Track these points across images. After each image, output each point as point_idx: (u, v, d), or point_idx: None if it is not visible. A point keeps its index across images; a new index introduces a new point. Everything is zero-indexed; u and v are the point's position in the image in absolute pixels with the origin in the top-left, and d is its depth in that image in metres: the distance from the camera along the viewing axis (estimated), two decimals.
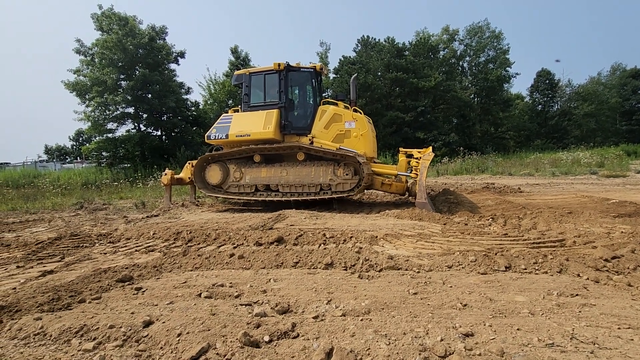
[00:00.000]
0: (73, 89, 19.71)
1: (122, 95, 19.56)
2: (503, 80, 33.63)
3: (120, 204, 10.54)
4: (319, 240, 4.12)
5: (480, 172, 14.79)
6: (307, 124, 7.95)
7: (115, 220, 7.17)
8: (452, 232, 4.47)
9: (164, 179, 8.62)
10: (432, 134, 25.82)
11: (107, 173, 18.99)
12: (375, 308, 2.00)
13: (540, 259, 2.58)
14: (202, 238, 4.58)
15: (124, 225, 6.34)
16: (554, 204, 6.55)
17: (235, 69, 26.88)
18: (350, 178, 7.12)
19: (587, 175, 12.48)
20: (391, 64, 26.92)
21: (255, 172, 7.72)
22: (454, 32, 34.65)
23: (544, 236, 4.03)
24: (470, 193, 8.59)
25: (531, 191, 8.95)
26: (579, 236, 3.97)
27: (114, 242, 5.06)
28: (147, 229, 5.56)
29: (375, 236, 4.20)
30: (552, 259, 2.57)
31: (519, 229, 4.60)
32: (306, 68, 8.17)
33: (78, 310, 2.21)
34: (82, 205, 9.86)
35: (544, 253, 2.70)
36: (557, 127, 37.86)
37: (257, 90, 8.19)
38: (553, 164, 16.58)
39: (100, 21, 20.31)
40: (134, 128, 21.77)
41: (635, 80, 42.86)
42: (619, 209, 5.54)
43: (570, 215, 5.00)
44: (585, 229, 4.25)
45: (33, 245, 4.94)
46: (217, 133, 8.07)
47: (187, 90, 23.94)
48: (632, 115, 41.57)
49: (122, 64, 19.95)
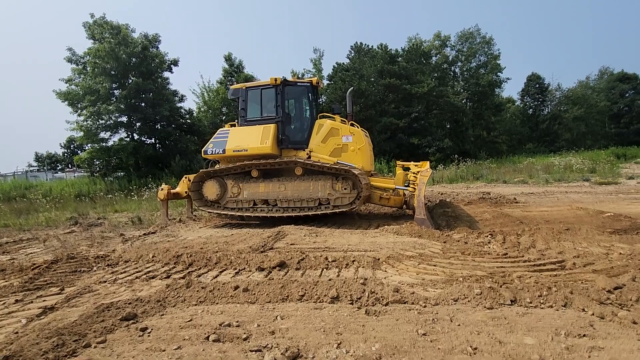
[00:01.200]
0: (65, 98, 19.51)
1: (115, 105, 19.42)
2: (494, 85, 34.06)
3: (116, 218, 10.43)
4: (322, 264, 4.12)
5: (475, 179, 14.93)
6: (304, 138, 7.97)
7: (111, 238, 7.09)
8: (452, 252, 4.49)
9: (161, 194, 8.55)
10: (426, 140, 26.00)
11: (100, 183, 18.78)
12: (386, 353, 2.00)
13: (544, 291, 2.61)
14: (203, 262, 4.55)
15: (121, 246, 6.26)
16: (550, 217, 6.63)
17: (229, 76, 26.87)
18: (348, 192, 7.14)
19: (580, 182, 12.66)
20: (384, 70, 27.12)
21: (253, 187, 7.70)
22: (446, 38, 35.04)
23: (544, 257, 4.08)
24: (467, 204, 8.66)
25: (527, 201, 9.05)
26: (578, 256, 4.02)
27: (113, 265, 5.00)
28: (146, 250, 5.50)
29: (377, 259, 4.21)
30: (556, 292, 2.60)
31: (518, 247, 4.64)
32: (302, 82, 8.20)
33: (84, 358, 2.18)
34: (77, 221, 9.73)
35: (547, 284, 2.72)
36: (548, 130, 38.42)
37: (254, 105, 8.18)
38: (546, 170, 16.79)
39: (92, 30, 20.18)
40: (128, 136, 21.60)
41: (622, 83, 43.77)
42: (614, 223, 5.63)
43: (568, 232, 5.06)
44: (584, 248, 4.31)
45: (29, 270, 4.86)
46: (214, 148, 8.04)
47: (181, 98, 23.86)
48: (620, 119, 42.42)
49: (115, 73, 19.81)
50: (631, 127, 41.15)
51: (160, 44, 22.38)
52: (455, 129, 31.34)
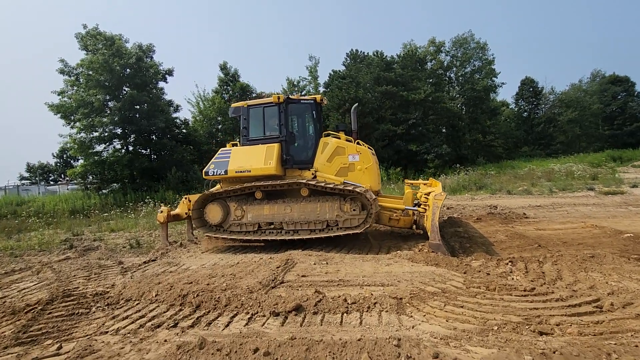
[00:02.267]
0: (58, 111, 19.06)
1: (109, 117, 19.03)
2: (490, 90, 34.18)
3: (112, 240, 10.05)
4: (340, 307, 3.84)
5: (478, 188, 14.76)
6: (308, 157, 7.72)
7: (109, 268, 6.74)
8: (476, 287, 4.25)
9: (160, 217, 8.21)
10: (424, 146, 25.89)
11: (95, 198, 18.31)
12: None
13: (604, 357, 2.36)
14: (211, 304, 4.24)
15: (120, 278, 5.92)
16: (567, 238, 6.43)
17: (224, 85, 26.58)
18: (357, 214, 6.86)
19: (585, 191, 12.53)
20: (381, 77, 27.03)
21: (257, 209, 7.40)
22: (440, 44, 35.14)
23: (576, 293, 3.85)
24: (476, 221, 8.44)
25: (537, 216, 8.86)
26: (612, 293, 3.81)
27: (113, 305, 4.68)
28: (148, 285, 5.17)
29: (399, 298, 3.95)
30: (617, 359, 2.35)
31: (544, 278, 4.41)
32: (306, 99, 7.95)
33: None
34: (72, 244, 9.35)
35: (605, 350, 2.47)
36: (543, 133, 38.65)
37: (256, 124, 7.92)
38: (547, 177, 16.69)
39: (85, 41, 19.79)
40: (122, 148, 21.18)
41: (614, 86, 44.28)
42: (637, 247, 5.43)
43: (592, 259, 4.85)
44: (616, 282, 4.08)
45: (23, 314, 4.52)
46: (215, 169, 7.75)
47: (176, 108, 23.51)
48: (614, 121, 42.83)
49: (109, 85, 19.42)
50: (624, 128, 41.59)
51: (154, 54, 22.08)
52: (452, 134, 31.35)
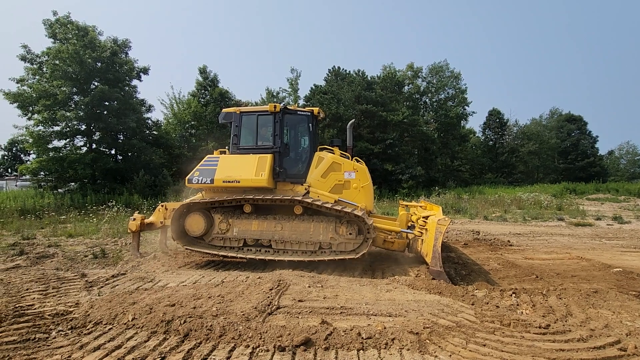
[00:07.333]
0: (14, 100, 17.35)
1: (74, 111, 17.60)
2: (461, 117, 35.73)
3: (71, 246, 8.98)
4: (355, 343, 3.45)
5: (456, 212, 15.03)
6: (302, 172, 7.34)
7: (71, 281, 5.87)
8: (489, 321, 4.05)
9: (132, 225, 7.41)
10: (399, 167, 26.32)
11: (49, 197, 16.63)
12: None
13: None
14: (202, 333, 3.68)
15: (86, 295, 5.14)
16: (559, 270, 6.50)
17: (202, 89, 25.71)
18: (353, 238, 6.51)
19: (555, 221, 13.09)
20: (361, 96, 27.39)
21: (244, 224, 6.86)
22: (418, 70, 36.46)
23: (594, 333, 3.73)
24: (465, 247, 8.42)
25: (520, 244, 9.01)
26: (629, 334, 3.73)
27: (79, 329, 3.98)
28: (121, 306, 4.49)
29: (416, 333, 3.62)
30: None
31: (555, 314, 4.30)
32: (303, 111, 7.62)
33: None
34: (22, 250, 8.22)
35: None
36: (506, 162, 40.82)
37: (248, 132, 7.46)
38: (516, 204, 17.39)
39: (54, 28, 18.37)
40: (85, 145, 19.61)
41: (569, 124, 47.97)
42: (631, 283, 5.54)
43: (597, 295, 4.84)
44: (631, 322, 4.04)
45: None
46: (200, 177, 7.15)
47: (149, 108, 22.29)
48: (568, 155, 46.19)
49: (77, 77, 18.03)
50: (576, 163, 44.93)
51: (130, 50, 20.93)
52: (425, 157, 32.25)
